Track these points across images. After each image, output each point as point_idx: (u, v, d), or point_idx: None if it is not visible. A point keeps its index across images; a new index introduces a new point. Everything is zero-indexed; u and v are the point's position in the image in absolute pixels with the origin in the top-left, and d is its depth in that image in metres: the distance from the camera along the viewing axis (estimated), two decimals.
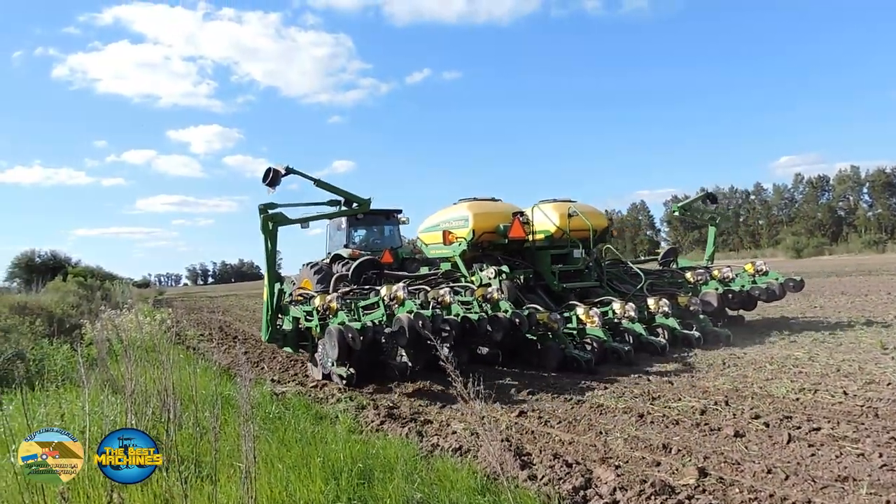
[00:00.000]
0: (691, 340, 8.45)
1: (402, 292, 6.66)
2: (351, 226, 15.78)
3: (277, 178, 7.21)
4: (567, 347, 7.54)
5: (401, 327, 6.32)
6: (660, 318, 8.83)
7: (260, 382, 7.08)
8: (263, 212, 7.24)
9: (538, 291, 9.38)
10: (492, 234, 9.43)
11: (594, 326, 8.02)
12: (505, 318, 7.18)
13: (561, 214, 10.19)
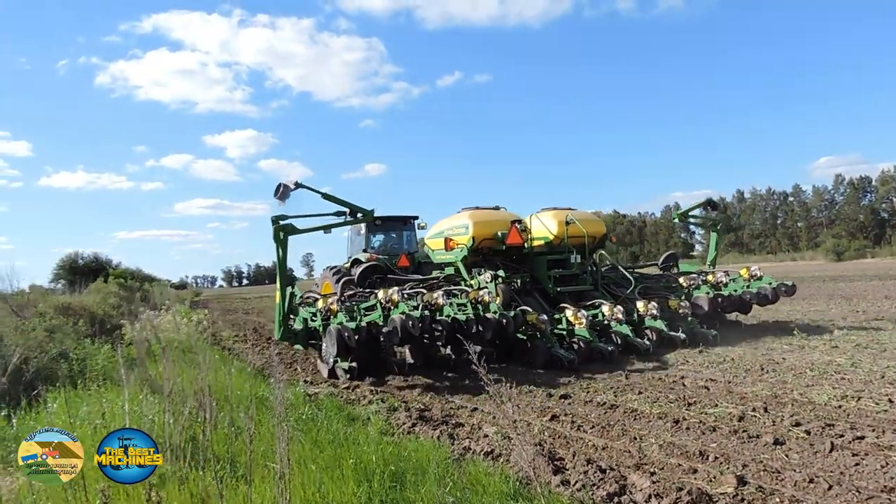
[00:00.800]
0: (676, 341, 8.96)
1: (397, 295, 7.42)
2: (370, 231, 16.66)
3: (287, 192, 8.07)
4: (553, 347, 8.17)
5: (394, 327, 7.07)
6: (648, 320, 9.37)
7: (293, 383, 7.30)
8: (275, 223, 8.11)
9: (535, 294, 10.02)
10: (491, 240, 10.11)
11: (582, 327, 8.63)
12: (493, 319, 7.86)
13: (559, 222, 10.78)
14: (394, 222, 17.47)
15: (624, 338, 8.83)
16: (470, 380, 7.63)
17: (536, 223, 10.92)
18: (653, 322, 9.33)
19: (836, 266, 44.93)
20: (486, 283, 9.44)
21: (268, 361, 9.38)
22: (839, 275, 29.78)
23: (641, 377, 7.13)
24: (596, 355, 8.35)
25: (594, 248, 11.20)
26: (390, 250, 16.76)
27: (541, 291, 10.15)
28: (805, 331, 9.93)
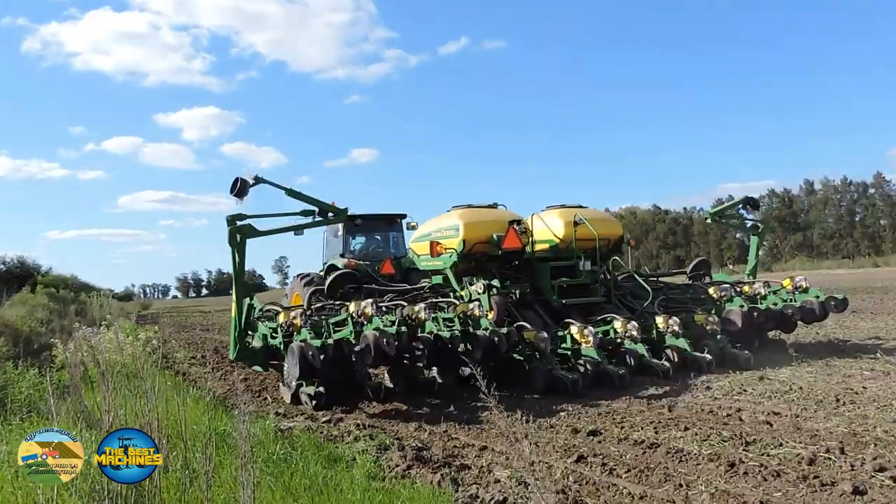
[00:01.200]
0: (701, 364, 9.33)
1: (370, 308, 7.82)
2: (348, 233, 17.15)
3: (245, 188, 8.51)
4: (554, 368, 8.56)
5: (367, 345, 7.47)
6: (669, 338, 9.75)
7: (262, 416, 7.44)
8: (231, 223, 8.53)
9: (536, 308, 10.41)
10: (485, 244, 10.51)
11: (589, 347, 9.02)
12: (483, 336, 8.25)
13: (565, 222, 11.19)
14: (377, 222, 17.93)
15: (639, 358, 9.20)
16: (459, 407, 8.00)
17: (539, 224, 11.31)
18: (674, 340, 9.71)
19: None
20: (478, 295, 9.83)
21: (231, 389, 9.60)
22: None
23: (688, 409, 7.21)
24: (604, 379, 8.71)
25: (608, 252, 11.59)
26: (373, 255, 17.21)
27: (543, 304, 10.54)
28: (891, 354, 9.97)
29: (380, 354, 7.43)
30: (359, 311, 7.92)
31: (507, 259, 10.87)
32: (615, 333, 9.57)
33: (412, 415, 7.76)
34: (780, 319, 10.88)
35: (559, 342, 9.41)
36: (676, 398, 7.82)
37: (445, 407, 8.16)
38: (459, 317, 8.68)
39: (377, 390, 8.35)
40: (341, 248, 16.85)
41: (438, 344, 8.16)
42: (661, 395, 8.14)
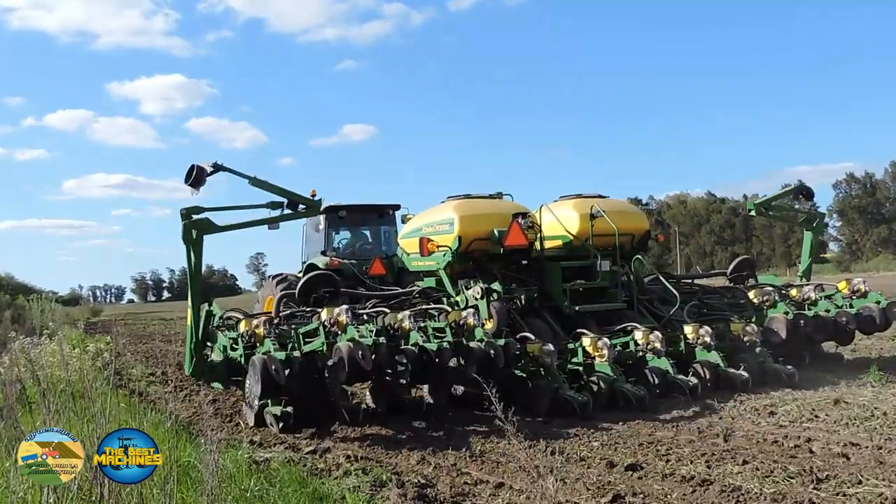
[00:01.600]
0: (735, 381, 9.64)
1: (345, 316, 8.19)
2: (331, 227, 17.60)
3: (202, 176, 8.91)
4: (560, 387, 8.91)
5: (340, 359, 7.83)
6: (700, 351, 10.07)
7: (234, 445, 7.56)
8: (186, 217, 8.92)
9: (545, 316, 10.77)
10: (484, 241, 10.86)
11: (603, 361, 9.35)
12: (478, 349, 8.60)
13: (581, 215, 11.53)
14: (365, 214, 18.36)
15: (663, 375, 9.52)
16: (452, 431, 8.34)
17: (550, 218, 11.65)
18: (705, 353, 10.03)
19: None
20: (475, 301, 10.17)
21: (197, 412, 9.69)
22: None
23: (747, 439, 7.33)
24: (620, 399, 9.04)
25: (632, 250, 11.94)
26: (360, 253, 17.64)
27: (554, 311, 10.89)
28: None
29: (354, 369, 7.79)
30: (331, 319, 8.27)
31: (511, 259, 11.23)
32: (636, 346, 9.89)
33: (412, 443, 8.03)
34: (833, 329, 11.18)
35: (569, 356, 9.75)
36: (732, 425, 7.95)
37: (435, 431, 8.50)
38: (451, 326, 9.02)
39: (354, 412, 8.72)
40: (322, 244, 17.28)
41: (424, 358, 8.49)
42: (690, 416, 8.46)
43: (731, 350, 10.44)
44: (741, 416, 8.38)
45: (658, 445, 7.33)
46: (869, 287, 11.74)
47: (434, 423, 8.96)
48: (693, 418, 8.43)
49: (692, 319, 10.85)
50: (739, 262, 13.67)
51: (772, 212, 13.94)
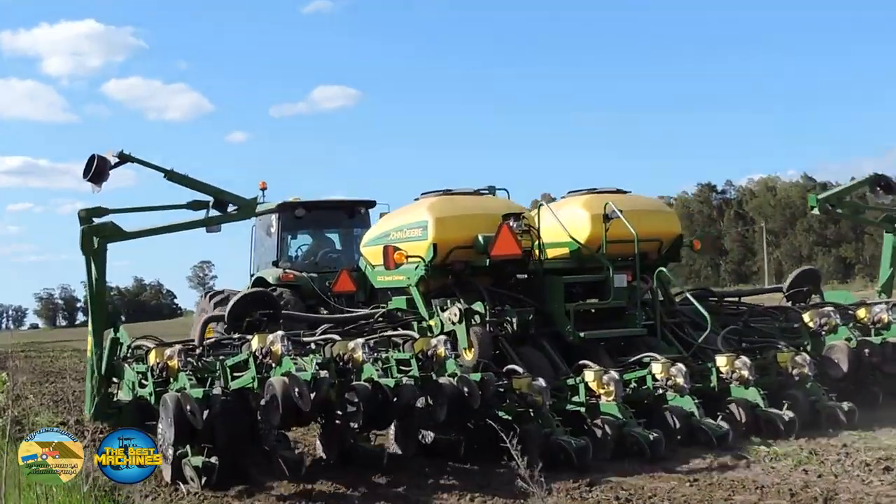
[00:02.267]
0: (777, 424, 10.43)
1: (280, 345, 8.99)
2: (286, 230, 18.44)
3: (105, 169, 9.73)
4: (553, 431, 9.71)
5: (272, 397, 8.64)
6: (735, 387, 10.86)
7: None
8: (86, 221, 9.75)
9: (543, 344, 11.56)
10: (467, 249, 11.66)
11: (610, 401, 10.14)
12: (448, 387, 9.41)
13: (593, 216, 12.31)
14: (331, 213, 19.18)
15: (685, 418, 10.31)
16: (422, 489, 9.15)
17: (548, 219, 12.43)
18: (741, 391, 10.81)
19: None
20: (453, 325, 10.97)
21: None
22: None
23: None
24: (630, 446, 9.84)
25: (659, 260, 12.79)
26: (324, 262, 18.46)
27: (555, 338, 11.72)
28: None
29: (290, 410, 8.58)
30: (264, 349, 9.08)
31: (502, 272, 12.05)
32: (654, 381, 10.67)
33: (365, 502, 8.85)
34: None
35: (569, 394, 10.53)
36: (835, 485, 8.20)
37: (396, 486, 9.29)
38: (417, 358, 9.85)
39: (296, 462, 9.49)
40: (275, 252, 18.10)
41: (380, 396, 9.28)
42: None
43: (778, 386, 11.26)
44: (846, 472, 8.69)
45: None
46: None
47: (397, 476, 9.74)
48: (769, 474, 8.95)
49: (728, 348, 11.60)
50: (799, 274, 14.50)
51: (841, 209, 14.69)
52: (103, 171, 9.86)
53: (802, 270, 14.84)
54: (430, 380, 9.62)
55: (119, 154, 10.01)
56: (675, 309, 12.75)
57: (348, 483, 9.53)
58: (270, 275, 17.53)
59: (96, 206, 9.98)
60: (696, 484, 8.54)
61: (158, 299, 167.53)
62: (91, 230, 9.89)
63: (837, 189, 14.72)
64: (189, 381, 9.16)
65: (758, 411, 10.66)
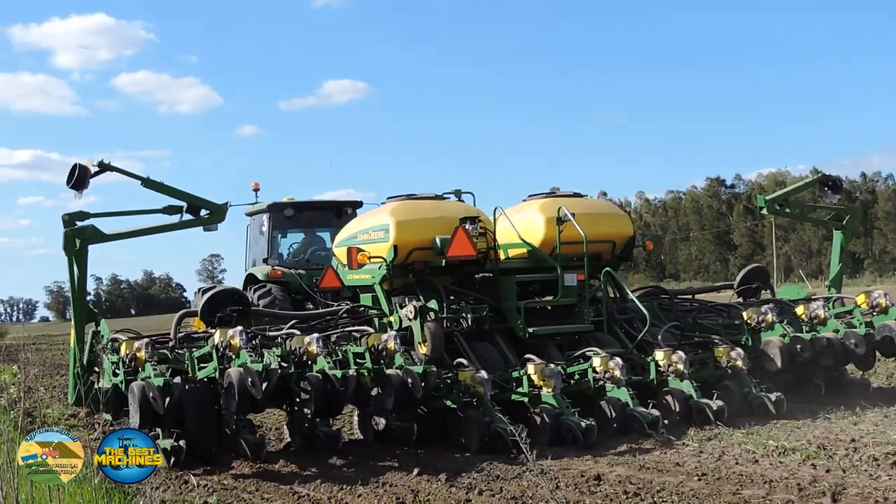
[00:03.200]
0: (707, 413, 11.22)
1: (239, 338, 9.87)
2: (276, 229, 19.32)
3: (86, 177, 10.61)
4: (493, 420, 10.54)
5: (230, 385, 9.53)
6: (672, 379, 11.65)
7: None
8: (69, 224, 10.64)
9: (498, 338, 12.39)
10: (426, 250, 12.48)
11: (549, 392, 10.96)
12: (396, 378, 10.27)
13: (547, 219, 13.13)
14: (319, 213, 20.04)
15: (621, 407, 11.11)
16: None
17: (503, 221, 13.27)
18: (677, 382, 11.60)
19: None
20: (409, 321, 11.81)
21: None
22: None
23: (863, 499, 7.66)
24: (565, 434, 10.65)
25: (614, 259, 13.59)
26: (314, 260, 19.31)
27: (509, 334, 12.53)
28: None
29: (245, 398, 9.47)
30: (224, 342, 9.96)
31: (461, 272, 12.85)
32: (594, 374, 11.46)
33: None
34: (842, 352, 12.75)
35: (514, 385, 11.35)
36: (843, 479, 8.31)
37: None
38: (370, 351, 10.70)
39: (258, 446, 10.38)
40: (266, 250, 19.00)
41: (328, 387, 10.14)
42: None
43: (717, 378, 12.08)
44: (854, 466, 8.80)
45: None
46: (892, 301, 13.25)
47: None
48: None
49: (668, 343, 12.37)
50: (748, 272, 15.24)
51: (789, 209, 15.43)
52: (84, 179, 10.74)
53: (751, 268, 15.57)
54: (378, 371, 10.50)
55: (99, 163, 10.90)
56: (626, 306, 13.48)
57: (305, 464, 10.44)
58: (260, 271, 18.42)
59: (79, 210, 10.85)
60: (705, 478, 8.66)
61: (168, 293, 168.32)
62: (73, 233, 10.78)
63: (786, 190, 15.49)
64: (154, 370, 10.02)
65: (691, 402, 11.44)
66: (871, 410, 11.69)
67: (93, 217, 10.98)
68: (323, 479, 9.63)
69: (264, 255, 19.01)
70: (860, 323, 13.24)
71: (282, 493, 9.17)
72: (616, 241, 13.64)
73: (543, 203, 13.50)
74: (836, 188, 15.59)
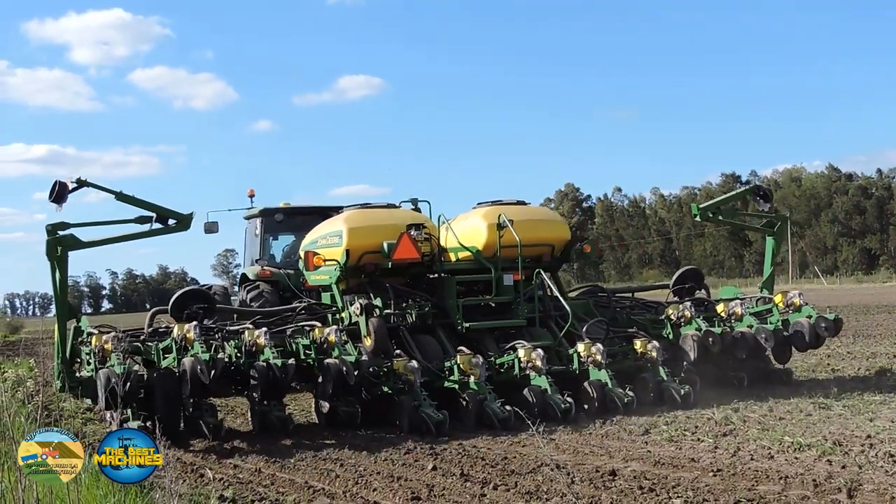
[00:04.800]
0: (617, 402, 12.51)
1: (193, 332, 11.30)
2: (268, 232, 20.70)
3: (65, 193, 12.08)
4: (421, 404, 11.90)
5: (183, 372, 10.95)
6: (593, 369, 12.95)
7: (198, 503, 8.38)
8: (51, 233, 12.10)
9: (440, 332, 13.74)
10: (376, 254, 13.86)
11: (476, 380, 12.30)
12: (334, 366, 11.65)
13: (489, 225, 14.46)
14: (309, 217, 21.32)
15: (541, 394, 12.43)
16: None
17: (461, 228, 14.62)
18: (596, 373, 12.90)
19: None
20: (357, 317, 13.18)
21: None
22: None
23: (879, 496, 7.73)
24: (486, 418, 11.98)
25: (553, 262, 14.89)
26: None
27: (450, 328, 13.89)
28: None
29: (196, 384, 10.87)
30: (181, 336, 11.38)
31: (409, 273, 14.21)
32: (519, 363, 12.78)
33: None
34: (754, 345, 14.02)
35: (448, 374, 12.70)
36: (858, 475, 8.37)
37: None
38: (314, 343, 12.09)
39: (216, 427, 11.78)
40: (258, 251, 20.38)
41: (271, 374, 11.53)
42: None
43: (637, 369, 13.37)
44: (870, 463, 8.85)
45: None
46: (804, 300, 14.51)
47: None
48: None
49: (596, 336, 13.65)
50: (683, 273, 16.50)
51: (722, 216, 16.67)
52: (63, 194, 12.20)
53: (685, 269, 16.79)
54: (320, 361, 11.93)
55: (77, 180, 12.35)
56: (563, 304, 14.75)
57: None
58: (251, 271, 19.77)
59: (60, 220, 12.30)
60: (720, 474, 8.71)
61: (183, 286, 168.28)
62: (55, 241, 12.25)
63: (718, 199, 16.63)
64: (117, 359, 11.44)
65: (606, 390, 12.72)
66: (838, 401, 12.56)
67: (72, 227, 12.40)
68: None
69: (257, 256, 20.34)
70: (777, 320, 14.52)
71: (297, 487, 9.28)
72: (555, 244, 14.98)
73: (487, 211, 14.83)
74: (767, 198, 16.75)
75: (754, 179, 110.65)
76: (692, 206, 17.03)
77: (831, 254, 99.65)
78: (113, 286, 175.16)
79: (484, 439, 11.25)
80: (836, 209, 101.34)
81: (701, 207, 16.47)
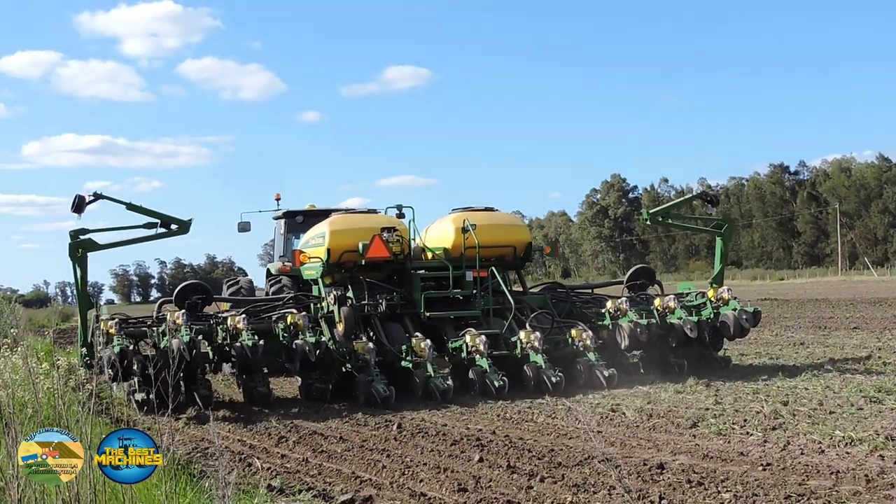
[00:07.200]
0: (548, 382, 14.30)
1: (181, 318, 13.37)
2: (290, 232, 22.78)
3: (83, 204, 14.27)
4: (374, 380, 13.85)
5: (171, 350, 13.04)
6: (532, 354, 14.76)
7: (247, 492, 8.34)
8: (74, 238, 14.29)
9: (406, 321, 15.70)
10: (354, 253, 15.86)
11: (424, 360, 14.20)
12: (299, 347, 13.65)
13: (456, 229, 16.42)
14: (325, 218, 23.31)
15: (481, 374, 14.30)
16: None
17: (435, 230, 16.59)
18: (534, 356, 14.70)
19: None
20: (332, 306, 15.17)
21: (199, 446, 11.25)
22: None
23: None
24: (432, 393, 13.88)
25: (514, 262, 16.84)
26: None
27: (416, 317, 15.88)
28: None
29: (180, 361, 12.93)
30: (172, 321, 13.46)
31: (382, 269, 16.18)
32: (466, 347, 14.66)
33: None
34: (682, 335, 15.72)
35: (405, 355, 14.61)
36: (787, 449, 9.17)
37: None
38: (289, 328, 14.10)
39: (207, 398, 13.86)
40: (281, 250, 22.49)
41: (243, 352, 13.55)
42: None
43: (574, 355, 15.16)
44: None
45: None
46: (732, 295, 16.16)
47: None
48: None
49: (541, 326, 15.47)
50: (636, 270, 18.24)
51: (671, 220, 18.28)
52: (82, 205, 14.42)
53: (638, 267, 18.57)
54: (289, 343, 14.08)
55: (94, 193, 14.62)
56: (521, 298, 16.60)
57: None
58: (274, 267, 21.90)
59: (80, 227, 14.57)
60: (770, 468, 8.57)
61: (230, 276, 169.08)
62: (77, 244, 14.56)
63: (668, 204, 18.10)
64: (118, 341, 13.57)
65: (540, 371, 14.52)
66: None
67: (91, 232, 14.65)
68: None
69: (280, 253, 22.43)
70: (710, 313, 16.18)
71: (344, 478, 9.29)
72: (516, 246, 16.93)
73: (456, 216, 16.81)
74: (714, 202, 18.28)
75: (803, 170, 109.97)
76: (643, 212, 18.52)
77: (881, 245, 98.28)
78: (161, 275, 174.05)
79: (531, 432, 11.36)
80: (887, 199, 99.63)
81: (651, 212, 18.11)
